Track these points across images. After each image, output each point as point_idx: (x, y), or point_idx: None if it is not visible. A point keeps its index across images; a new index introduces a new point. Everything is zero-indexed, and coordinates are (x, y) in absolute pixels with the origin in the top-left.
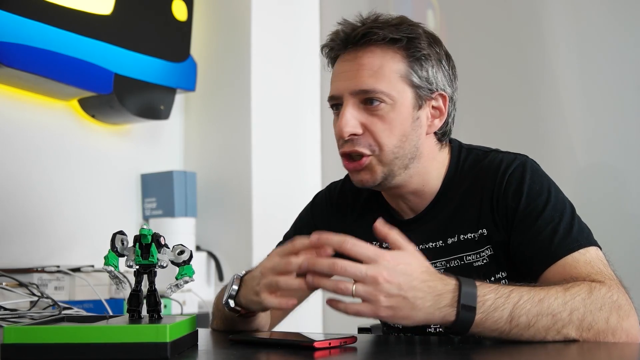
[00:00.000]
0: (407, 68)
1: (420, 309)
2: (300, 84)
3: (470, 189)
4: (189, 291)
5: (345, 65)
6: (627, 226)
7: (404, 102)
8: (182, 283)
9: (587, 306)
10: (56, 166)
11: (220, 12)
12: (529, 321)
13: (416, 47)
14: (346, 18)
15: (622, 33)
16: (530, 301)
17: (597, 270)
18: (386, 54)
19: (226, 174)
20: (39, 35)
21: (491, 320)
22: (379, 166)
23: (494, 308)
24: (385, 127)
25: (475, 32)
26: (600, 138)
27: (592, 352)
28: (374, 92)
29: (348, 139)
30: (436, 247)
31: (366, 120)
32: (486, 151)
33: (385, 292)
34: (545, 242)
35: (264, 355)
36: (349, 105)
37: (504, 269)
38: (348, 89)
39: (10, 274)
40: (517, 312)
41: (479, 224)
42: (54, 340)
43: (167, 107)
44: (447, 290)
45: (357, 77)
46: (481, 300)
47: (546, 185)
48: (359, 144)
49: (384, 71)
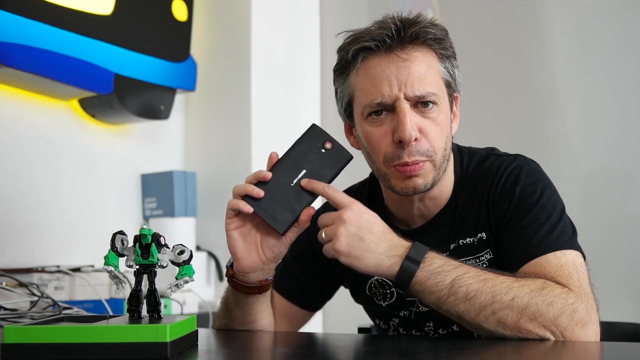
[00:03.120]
0: (442, 69)
1: (372, 252)
2: (301, 83)
3: (472, 194)
4: (189, 291)
5: (392, 68)
6: (630, 228)
7: (445, 103)
8: (182, 283)
9: (534, 298)
10: (56, 166)
11: (220, 12)
12: (468, 293)
13: (446, 47)
14: (372, 21)
15: (623, 33)
16: (475, 277)
17: (565, 274)
18: (428, 54)
19: (226, 174)
20: (39, 35)
21: (432, 282)
22: (433, 170)
23: (438, 271)
24: (438, 129)
25: (475, 32)
26: (602, 140)
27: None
28: (429, 95)
29: (403, 147)
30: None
31: (422, 123)
32: (486, 155)
33: (345, 229)
34: (524, 240)
35: (264, 355)
36: (405, 109)
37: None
38: (403, 93)
39: (10, 274)
40: (458, 281)
41: (477, 228)
42: (54, 340)
43: (167, 107)
44: (402, 245)
45: (411, 80)
46: (429, 261)
47: (540, 187)
48: (418, 152)
49: (431, 72)
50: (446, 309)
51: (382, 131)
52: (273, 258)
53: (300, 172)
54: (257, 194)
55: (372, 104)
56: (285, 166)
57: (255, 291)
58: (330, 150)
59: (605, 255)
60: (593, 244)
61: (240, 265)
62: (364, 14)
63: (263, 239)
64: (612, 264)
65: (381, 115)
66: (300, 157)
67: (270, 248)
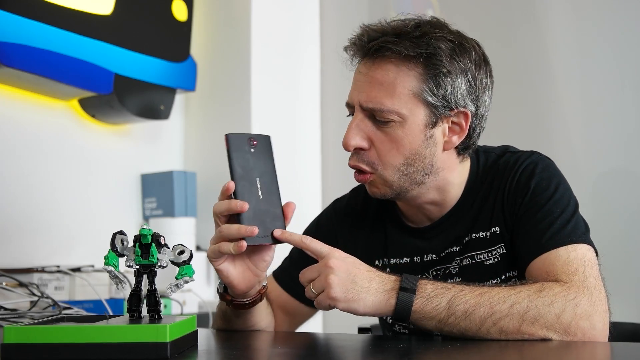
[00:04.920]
0: (422, 86)
1: (367, 292)
2: (300, 84)
3: (487, 191)
4: (189, 291)
5: (359, 76)
6: (628, 229)
7: (415, 120)
8: (182, 283)
9: (533, 301)
10: (56, 166)
11: (220, 12)
12: (466, 310)
13: (435, 64)
14: (372, 21)
15: (623, 33)
16: (470, 293)
17: (571, 270)
18: (401, 70)
19: (226, 174)
20: (39, 35)
21: (430, 306)
22: (383, 184)
23: (434, 295)
24: (392, 145)
25: (475, 32)
26: (602, 141)
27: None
28: (381, 110)
29: (353, 152)
30: (454, 251)
31: (374, 136)
32: (501, 153)
33: (335, 276)
34: (538, 234)
35: (264, 355)
36: (357, 118)
37: (515, 267)
38: (359, 101)
39: (10, 274)
40: (455, 300)
41: (491, 222)
42: (54, 340)
43: (167, 107)
44: (391, 279)
45: (367, 91)
46: (422, 287)
47: (554, 182)
48: (362, 160)
49: (396, 88)
50: (449, 330)
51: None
52: (266, 267)
53: (256, 182)
54: (241, 207)
55: (346, 104)
56: (243, 189)
57: (256, 302)
58: (257, 144)
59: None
60: (599, 244)
61: (239, 290)
62: (364, 14)
63: (250, 254)
64: (610, 264)
65: (350, 117)
66: (246, 171)
67: (262, 258)
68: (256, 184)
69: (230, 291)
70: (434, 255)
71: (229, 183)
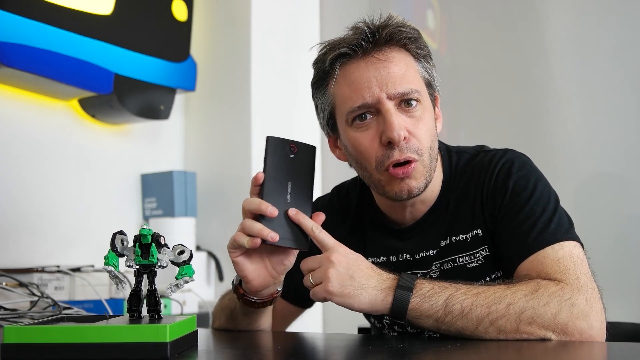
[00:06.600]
0: (421, 67)
1: (364, 288)
2: (300, 84)
3: (463, 191)
4: (189, 291)
5: (371, 70)
6: (628, 230)
7: (428, 102)
8: (182, 283)
9: (529, 301)
10: (56, 166)
11: (220, 12)
12: (463, 309)
13: (420, 47)
14: (372, 21)
15: (624, 33)
16: (466, 293)
17: (561, 268)
18: (405, 54)
19: (226, 174)
20: (39, 35)
21: (427, 305)
22: (424, 171)
23: (430, 294)
24: (424, 127)
25: (475, 32)
26: (602, 144)
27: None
28: (412, 91)
29: (393, 147)
30: (432, 254)
31: (407, 123)
32: (475, 152)
33: (335, 270)
34: (522, 236)
35: (264, 355)
36: (391, 109)
37: (499, 269)
38: (386, 92)
39: (10, 274)
40: (452, 300)
41: (472, 224)
42: (54, 340)
43: (167, 107)
44: (390, 277)
45: (392, 79)
46: (419, 286)
47: (532, 180)
48: (409, 150)
49: (410, 71)
50: (445, 329)
51: (369, 135)
52: (284, 270)
53: (287, 187)
54: (271, 213)
55: (354, 108)
56: (271, 189)
57: (267, 304)
58: (297, 152)
59: (602, 256)
60: (591, 245)
61: (253, 286)
62: (364, 15)
63: (270, 254)
64: (610, 264)
65: (366, 120)
66: (278, 173)
67: (281, 262)
68: (287, 187)
69: (244, 286)
70: (408, 255)
71: (259, 173)
